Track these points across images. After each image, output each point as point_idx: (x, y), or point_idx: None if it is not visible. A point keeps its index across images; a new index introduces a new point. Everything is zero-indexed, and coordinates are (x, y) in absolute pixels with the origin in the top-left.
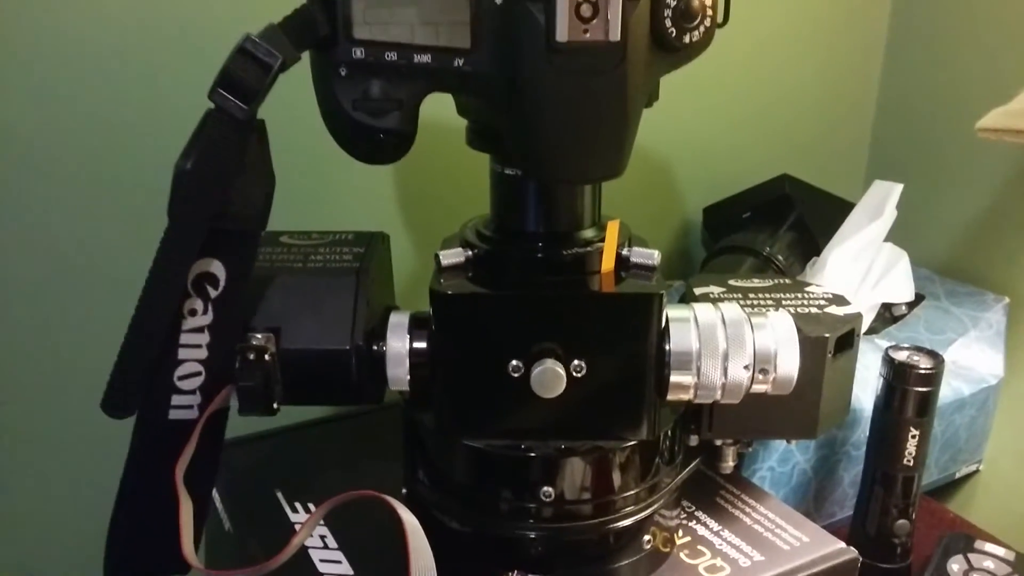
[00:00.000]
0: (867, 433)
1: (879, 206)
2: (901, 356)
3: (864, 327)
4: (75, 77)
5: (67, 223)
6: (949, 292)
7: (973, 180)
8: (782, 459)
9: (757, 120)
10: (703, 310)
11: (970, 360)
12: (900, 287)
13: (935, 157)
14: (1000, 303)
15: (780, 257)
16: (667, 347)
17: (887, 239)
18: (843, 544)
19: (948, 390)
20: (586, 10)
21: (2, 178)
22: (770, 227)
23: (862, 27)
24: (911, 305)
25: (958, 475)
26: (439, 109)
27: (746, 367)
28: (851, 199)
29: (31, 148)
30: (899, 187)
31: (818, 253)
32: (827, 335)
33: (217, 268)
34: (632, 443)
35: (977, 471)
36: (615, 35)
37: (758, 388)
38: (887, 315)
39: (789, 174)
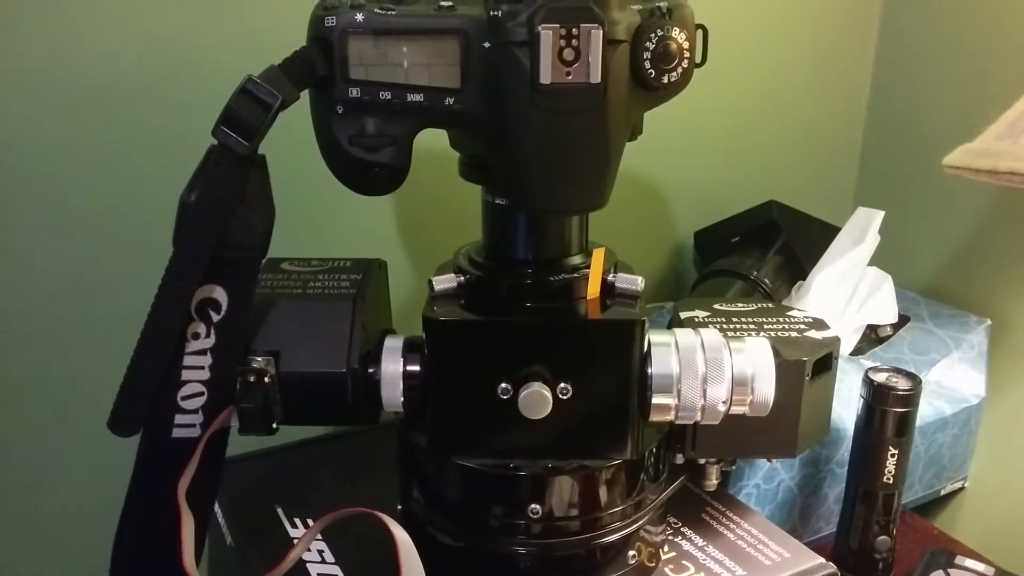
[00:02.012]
0: None
1: (862, 231)
2: (880, 378)
3: (850, 348)
4: (88, 115)
5: (78, 251)
6: (933, 314)
7: (958, 207)
8: (767, 477)
9: (748, 148)
10: (684, 335)
11: (953, 380)
12: (884, 309)
13: (921, 184)
14: (982, 325)
15: (767, 280)
16: (649, 371)
17: (872, 263)
18: (822, 560)
19: (931, 409)
20: (568, 54)
21: (17, 206)
22: (758, 251)
23: (849, 58)
24: (896, 327)
25: (943, 492)
26: (435, 142)
27: (724, 402)
28: (840, 225)
29: (46, 181)
30: (881, 213)
31: (804, 277)
32: (805, 358)
33: (219, 294)
34: (617, 462)
35: (962, 488)
36: (596, 77)
37: (736, 410)
38: (873, 336)
39: (777, 200)
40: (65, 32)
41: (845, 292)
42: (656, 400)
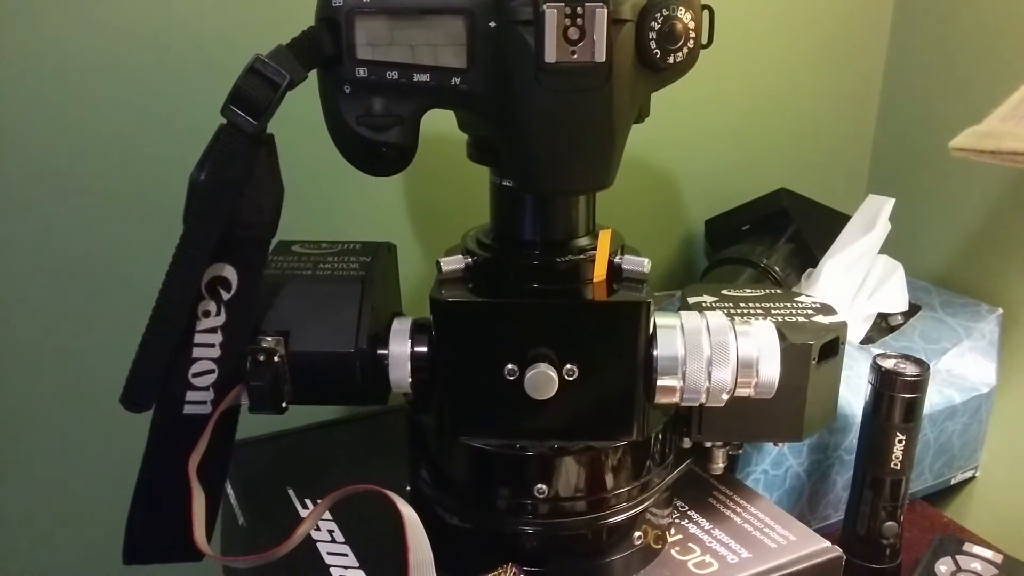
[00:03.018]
0: None
1: (872, 219)
2: (888, 364)
3: (860, 336)
4: (102, 95)
5: (90, 232)
6: (945, 303)
7: (971, 195)
8: (775, 462)
9: (759, 137)
10: (689, 318)
11: (963, 369)
12: (895, 298)
13: (934, 173)
14: (994, 314)
15: (777, 268)
16: (655, 352)
17: (884, 251)
18: (828, 543)
19: (940, 398)
20: (573, 33)
21: (26, 191)
22: (768, 239)
23: (862, 45)
24: (907, 315)
25: (954, 481)
26: (444, 125)
27: (729, 385)
28: (852, 213)
29: (58, 162)
30: (891, 201)
31: (815, 265)
32: (811, 342)
33: (229, 272)
34: (623, 443)
35: (973, 477)
36: (600, 56)
37: (741, 392)
38: (884, 325)
39: (787, 188)
40: (73, 13)
41: (855, 280)
42: (661, 382)
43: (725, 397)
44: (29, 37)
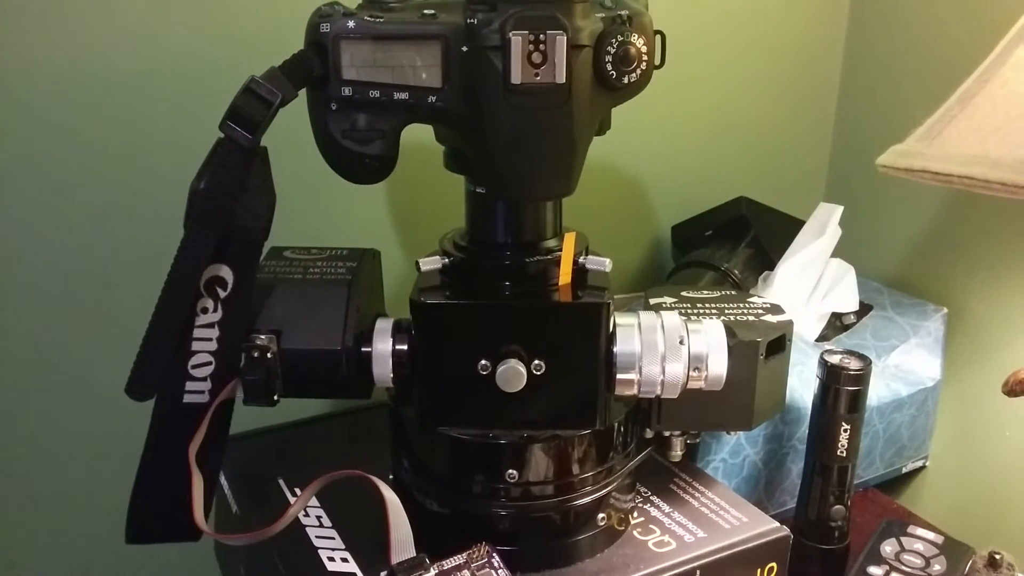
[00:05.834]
0: None
1: (823, 225)
2: (834, 359)
3: (815, 335)
4: (108, 111)
5: (96, 239)
6: (895, 303)
7: (919, 203)
8: (733, 451)
9: (723, 149)
10: (646, 317)
11: (910, 364)
12: (846, 298)
13: (885, 182)
14: (939, 313)
15: (736, 271)
16: (614, 349)
17: (840, 254)
18: (777, 524)
19: (887, 391)
20: (536, 57)
21: (42, 198)
22: (729, 244)
23: (818, 63)
24: (860, 315)
25: (905, 470)
26: (423, 137)
27: (682, 378)
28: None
29: (64, 172)
30: (840, 208)
31: (772, 268)
32: (759, 339)
33: (226, 272)
34: (587, 432)
35: (924, 467)
36: (561, 78)
37: (693, 385)
38: (838, 324)
39: (746, 197)
40: (84, 34)
41: (808, 282)
42: (620, 376)
43: (679, 388)
44: (42, 53)
